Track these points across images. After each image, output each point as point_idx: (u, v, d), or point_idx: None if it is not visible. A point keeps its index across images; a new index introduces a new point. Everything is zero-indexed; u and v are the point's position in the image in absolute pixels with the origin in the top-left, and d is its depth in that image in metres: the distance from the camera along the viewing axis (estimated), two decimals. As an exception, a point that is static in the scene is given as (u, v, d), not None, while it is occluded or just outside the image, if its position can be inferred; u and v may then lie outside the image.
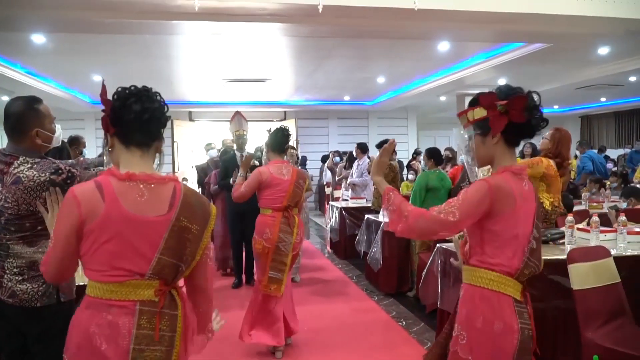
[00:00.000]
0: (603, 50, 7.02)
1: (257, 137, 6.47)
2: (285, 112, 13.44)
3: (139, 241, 1.50)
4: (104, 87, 1.65)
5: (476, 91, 7.86)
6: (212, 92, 10.75)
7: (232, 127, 5.45)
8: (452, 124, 9.34)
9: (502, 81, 9.86)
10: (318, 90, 11.13)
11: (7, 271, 2.09)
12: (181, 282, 1.68)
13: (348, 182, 7.63)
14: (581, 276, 2.60)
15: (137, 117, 1.55)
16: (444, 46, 6.91)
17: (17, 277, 2.10)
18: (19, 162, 2.08)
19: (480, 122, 1.71)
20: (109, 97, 1.60)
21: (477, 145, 1.74)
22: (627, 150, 11.15)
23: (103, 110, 1.59)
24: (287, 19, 4.62)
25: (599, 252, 2.78)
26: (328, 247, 7.56)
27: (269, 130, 3.77)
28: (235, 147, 5.61)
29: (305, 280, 5.82)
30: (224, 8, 4.16)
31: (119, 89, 1.58)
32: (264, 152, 3.96)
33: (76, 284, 2.31)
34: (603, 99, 13.00)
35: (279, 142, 3.70)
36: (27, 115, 2.17)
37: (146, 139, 1.60)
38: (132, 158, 1.58)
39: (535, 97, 1.67)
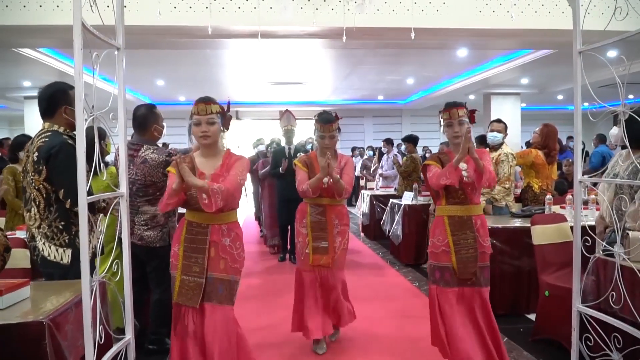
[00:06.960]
0: (611, 54, 7.61)
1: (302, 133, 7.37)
2: (323, 111, 14.34)
3: None
4: (229, 105, 2.68)
5: (501, 90, 9.10)
6: (257, 93, 11.64)
7: (282, 123, 6.07)
8: (482, 121, 9.92)
9: (524, 80, 10.38)
10: (353, 91, 11.84)
11: (137, 223, 3.10)
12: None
13: (379, 173, 8.58)
14: (539, 235, 3.45)
15: None
16: (462, 52, 7.61)
17: (143, 227, 3.09)
18: (144, 148, 3.12)
19: None
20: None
21: None
22: None
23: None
24: (323, 37, 5.62)
25: (557, 218, 3.63)
26: (361, 231, 8.51)
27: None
28: (284, 140, 6.22)
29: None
30: (273, 30, 5.18)
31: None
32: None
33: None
34: (631, 97, 13.30)
35: None
36: (148, 116, 3.18)
37: None
38: None
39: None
